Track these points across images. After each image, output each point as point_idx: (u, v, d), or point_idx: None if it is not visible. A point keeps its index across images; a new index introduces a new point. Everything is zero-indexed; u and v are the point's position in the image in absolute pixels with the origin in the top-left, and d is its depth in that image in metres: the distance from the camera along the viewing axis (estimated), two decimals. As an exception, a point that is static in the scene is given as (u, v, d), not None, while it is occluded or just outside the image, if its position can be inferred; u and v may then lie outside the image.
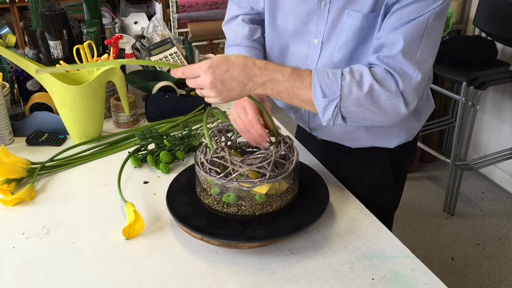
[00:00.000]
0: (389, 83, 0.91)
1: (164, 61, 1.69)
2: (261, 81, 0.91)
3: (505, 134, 2.67)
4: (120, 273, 0.90)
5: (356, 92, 0.90)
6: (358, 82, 0.91)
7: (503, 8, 2.35)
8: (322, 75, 0.91)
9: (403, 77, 0.92)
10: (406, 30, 0.90)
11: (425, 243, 2.32)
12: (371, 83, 0.90)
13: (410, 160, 1.27)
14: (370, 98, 0.91)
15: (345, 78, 0.91)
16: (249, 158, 0.96)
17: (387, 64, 0.93)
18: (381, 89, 0.91)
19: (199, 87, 0.91)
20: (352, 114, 0.93)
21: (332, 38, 1.04)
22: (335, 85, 0.90)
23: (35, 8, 1.68)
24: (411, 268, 0.90)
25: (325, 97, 0.91)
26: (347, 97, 0.91)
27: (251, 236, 0.91)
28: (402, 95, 0.92)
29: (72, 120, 1.31)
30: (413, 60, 0.92)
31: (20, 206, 1.10)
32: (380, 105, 0.92)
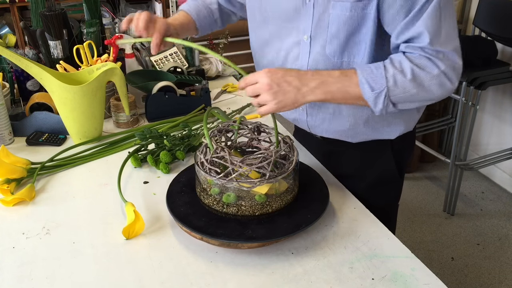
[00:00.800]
0: (429, 66, 0.96)
1: (164, 61, 1.69)
2: (314, 85, 0.96)
3: (505, 134, 2.67)
4: (120, 273, 0.90)
5: (401, 80, 0.96)
6: (400, 70, 0.96)
7: (503, 8, 2.35)
8: (367, 71, 0.97)
9: (440, 59, 0.96)
10: (425, 21, 0.93)
11: (425, 243, 2.32)
12: (411, 68, 0.95)
13: (410, 151, 1.27)
14: (414, 83, 0.96)
15: (388, 69, 0.96)
16: (249, 158, 0.96)
17: (421, 51, 0.97)
18: (422, 72, 0.96)
19: (257, 92, 0.96)
20: (401, 99, 0.98)
21: (321, 32, 1.04)
22: (380, 78, 0.96)
23: (35, 8, 1.68)
24: (411, 268, 0.90)
25: (373, 90, 0.96)
26: (393, 86, 0.96)
27: (251, 236, 0.91)
28: (444, 74, 0.97)
29: (72, 120, 1.31)
30: (441, 43, 0.95)
31: (20, 206, 1.10)
32: (425, 86, 0.97)
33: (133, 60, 1.62)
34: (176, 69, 1.68)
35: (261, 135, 1.11)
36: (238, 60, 3.76)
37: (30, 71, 1.24)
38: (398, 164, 1.22)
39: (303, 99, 0.97)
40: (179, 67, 1.68)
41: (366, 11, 0.98)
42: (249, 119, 1.51)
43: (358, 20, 0.99)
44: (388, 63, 0.98)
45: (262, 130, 1.10)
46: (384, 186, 1.23)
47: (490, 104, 2.73)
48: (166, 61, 1.69)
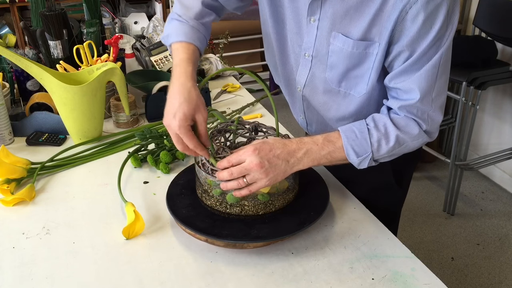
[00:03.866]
0: (412, 129, 0.98)
1: (164, 61, 1.69)
2: (300, 155, 0.95)
3: (505, 134, 2.67)
4: (120, 273, 0.90)
5: (385, 146, 0.97)
6: (385, 135, 0.97)
7: (503, 8, 2.35)
8: (351, 137, 0.97)
9: (424, 120, 0.98)
10: (420, 78, 0.93)
11: (425, 243, 2.32)
12: (396, 134, 0.97)
13: (412, 164, 1.27)
14: (398, 145, 0.98)
15: (373, 135, 0.97)
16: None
17: (407, 111, 0.97)
18: (406, 136, 0.98)
19: (245, 172, 0.91)
20: (384, 159, 1.01)
21: (321, 56, 1.03)
22: (365, 144, 0.97)
23: (35, 8, 1.68)
24: (411, 268, 0.90)
25: (359, 156, 0.97)
26: (377, 151, 0.97)
27: (257, 236, 0.91)
28: (425, 133, 1.00)
29: (72, 120, 1.31)
30: (430, 101, 0.96)
31: (20, 206, 1.10)
32: (408, 146, 1.00)
33: (133, 60, 1.62)
34: (176, 69, 1.67)
35: (259, 135, 1.11)
36: (238, 60, 3.76)
37: (30, 71, 1.24)
38: (397, 175, 1.20)
39: (291, 170, 0.95)
40: (179, 67, 1.68)
41: (369, 50, 0.96)
42: (249, 119, 1.51)
43: (360, 58, 0.98)
44: (373, 127, 0.97)
45: (260, 129, 1.10)
46: (380, 194, 1.21)
47: (490, 104, 2.73)
48: (166, 61, 1.69)
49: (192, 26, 1.08)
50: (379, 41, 0.94)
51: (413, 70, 0.93)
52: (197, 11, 1.10)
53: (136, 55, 1.67)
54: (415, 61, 0.92)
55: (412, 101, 0.95)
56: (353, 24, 0.94)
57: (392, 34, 0.92)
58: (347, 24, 0.95)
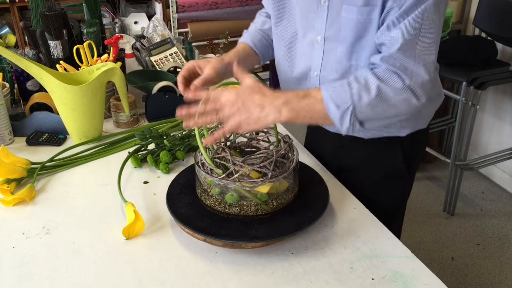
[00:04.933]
0: (394, 81, 0.95)
1: (164, 61, 1.69)
2: (278, 103, 0.93)
3: (505, 134, 2.67)
4: (120, 273, 0.90)
5: (366, 97, 0.94)
6: (365, 86, 0.94)
7: (503, 8, 2.35)
8: (331, 89, 0.95)
9: (406, 73, 0.95)
10: (402, 27, 0.93)
11: (425, 243, 2.32)
12: (377, 84, 0.94)
13: (422, 149, 1.28)
14: (380, 99, 0.94)
15: (352, 86, 0.94)
16: (250, 158, 0.96)
17: (388, 63, 0.95)
18: (388, 88, 0.94)
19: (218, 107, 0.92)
20: (368, 117, 0.97)
21: (333, 33, 1.06)
22: (344, 95, 0.94)
23: (35, 8, 1.68)
24: (411, 268, 0.90)
25: (339, 108, 0.94)
26: (358, 103, 0.94)
27: (255, 236, 0.91)
28: (410, 90, 0.95)
29: (72, 120, 1.31)
30: (413, 55, 0.94)
31: (20, 206, 1.10)
32: (391, 102, 0.96)
33: (133, 60, 1.62)
34: (176, 69, 1.67)
35: (260, 135, 1.11)
36: (238, 60, 3.75)
37: (30, 71, 1.24)
38: (407, 161, 1.21)
39: (266, 118, 0.93)
40: (179, 67, 1.68)
41: (371, 16, 0.99)
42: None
43: (365, 25, 1.00)
44: (353, 79, 0.96)
45: (261, 130, 1.10)
46: (390, 181, 1.23)
47: (490, 104, 2.73)
48: (166, 61, 1.69)
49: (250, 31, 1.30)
50: (377, 4, 0.97)
51: (397, 22, 0.94)
52: (259, 22, 1.31)
53: (136, 55, 1.67)
54: (400, 15, 0.93)
55: (393, 50, 0.94)
56: None
57: None
58: None
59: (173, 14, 3.33)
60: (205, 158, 0.97)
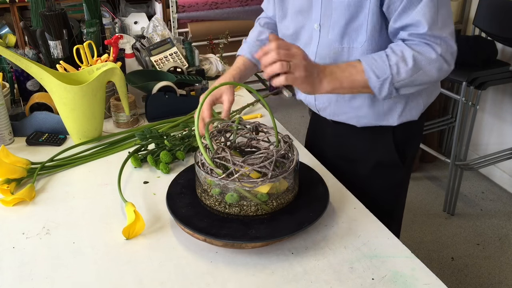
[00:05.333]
0: (428, 51, 1.02)
1: (164, 61, 1.69)
2: (327, 72, 1.02)
3: (505, 134, 2.67)
4: (120, 273, 0.90)
5: (404, 68, 1.02)
6: (402, 57, 1.02)
7: (503, 8, 2.35)
8: (371, 61, 1.03)
9: (438, 44, 1.03)
10: (423, 10, 1.00)
11: (425, 243, 2.32)
12: (413, 54, 1.02)
13: (416, 141, 1.32)
14: (416, 68, 1.02)
15: (391, 58, 1.02)
16: (250, 158, 0.96)
17: (420, 38, 1.03)
18: (422, 58, 1.02)
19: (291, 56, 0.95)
20: (404, 84, 1.05)
21: (326, 19, 1.12)
22: (384, 66, 1.02)
23: (35, 8, 1.68)
24: (411, 268, 0.90)
25: (379, 78, 1.02)
26: (397, 74, 1.02)
27: (255, 236, 0.91)
28: (442, 58, 1.03)
29: (72, 120, 1.31)
30: (438, 29, 1.02)
31: (20, 206, 1.10)
32: (425, 70, 1.03)
33: (133, 60, 1.62)
34: (176, 69, 1.68)
35: (260, 135, 1.11)
36: (238, 60, 3.75)
37: (30, 71, 1.24)
38: (400, 153, 1.25)
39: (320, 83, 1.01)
40: (179, 67, 1.68)
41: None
42: (248, 119, 1.51)
43: (356, 6, 1.05)
44: (390, 52, 1.03)
45: (261, 130, 1.10)
46: (384, 171, 1.27)
47: (490, 104, 2.73)
48: (166, 61, 1.69)
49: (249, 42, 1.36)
50: None
51: (414, 4, 1.00)
52: (256, 32, 1.37)
53: (136, 55, 1.67)
54: None
55: (422, 31, 1.01)
56: None
57: None
58: None
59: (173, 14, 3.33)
60: (205, 158, 0.97)
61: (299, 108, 3.62)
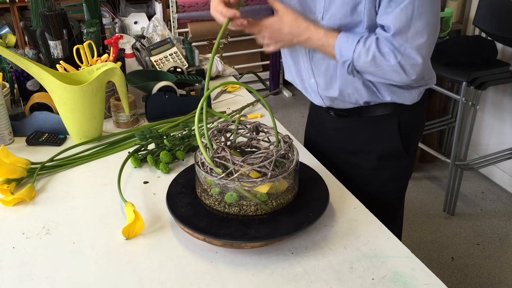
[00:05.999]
0: (387, 54, 1.07)
1: (164, 61, 1.69)
2: (303, 39, 1.14)
3: (505, 134, 2.67)
4: (120, 273, 0.90)
5: (363, 58, 1.09)
6: (366, 50, 1.08)
7: (503, 8, 2.35)
8: (343, 40, 1.10)
9: (399, 53, 1.06)
10: (395, 17, 1.04)
11: (425, 243, 2.32)
12: (374, 52, 1.07)
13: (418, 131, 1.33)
14: (373, 63, 1.08)
15: (359, 45, 1.09)
16: (250, 158, 0.96)
17: (387, 41, 1.07)
18: (382, 59, 1.07)
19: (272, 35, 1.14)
20: (363, 71, 1.12)
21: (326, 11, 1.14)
22: (349, 50, 1.10)
23: (35, 8, 1.68)
24: (411, 268, 0.90)
25: (342, 57, 1.11)
26: (357, 60, 1.09)
27: (254, 236, 0.91)
28: (401, 67, 1.07)
29: (72, 120, 1.31)
30: (405, 39, 1.05)
31: (20, 206, 1.10)
32: (384, 70, 1.09)
33: (133, 60, 1.62)
34: (176, 69, 1.68)
35: (260, 135, 1.11)
36: (238, 60, 3.76)
37: (30, 71, 1.24)
38: (404, 141, 1.26)
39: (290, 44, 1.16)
40: (179, 67, 1.68)
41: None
42: (248, 119, 1.51)
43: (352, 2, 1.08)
44: (363, 39, 1.09)
45: (261, 129, 1.10)
46: (390, 161, 1.28)
47: (490, 104, 2.73)
48: (166, 61, 1.69)
49: None
50: None
51: (390, 9, 1.04)
52: None
53: (136, 55, 1.67)
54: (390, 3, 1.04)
55: (388, 34, 1.06)
56: None
57: None
58: None
59: (173, 14, 3.33)
60: (204, 157, 0.97)
61: (299, 108, 3.62)
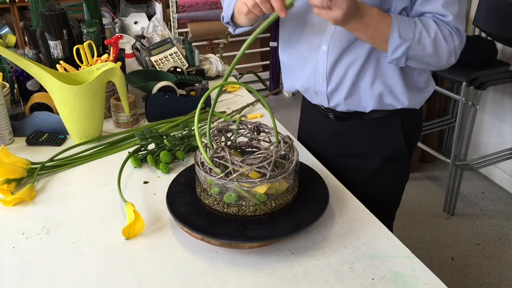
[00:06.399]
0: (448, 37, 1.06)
1: (164, 61, 1.69)
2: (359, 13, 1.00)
3: (505, 134, 2.67)
4: (120, 273, 0.90)
5: (425, 38, 1.04)
6: (427, 29, 1.05)
7: (503, 8, 2.35)
8: (400, 19, 1.04)
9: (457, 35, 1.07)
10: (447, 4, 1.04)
11: (425, 243, 2.33)
12: (436, 31, 1.05)
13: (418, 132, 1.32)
14: (434, 45, 1.05)
15: (417, 25, 1.05)
16: (249, 158, 0.96)
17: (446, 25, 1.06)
18: (442, 38, 1.05)
19: None
20: (415, 56, 1.06)
21: None
22: (409, 30, 1.04)
23: (35, 8, 1.68)
24: (411, 268, 0.90)
25: (401, 38, 1.03)
26: (418, 41, 1.04)
27: (252, 236, 0.91)
28: (454, 49, 1.07)
29: (72, 120, 1.31)
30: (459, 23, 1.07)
31: (20, 206, 1.10)
32: (439, 52, 1.06)
33: (133, 60, 1.62)
34: (176, 69, 1.68)
35: (261, 135, 1.11)
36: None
37: (30, 71, 1.24)
38: (407, 141, 1.25)
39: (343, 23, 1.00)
40: (179, 67, 1.68)
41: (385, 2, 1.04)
42: (248, 119, 1.51)
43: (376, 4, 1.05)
44: (418, 20, 1.05)
45: (262, 130, 1.10)
46: (393, 163, 1.26)
47: (490, 104, 2.73)
48: (166, 61, 1.69)
49: None
50: None
51: None
52: None
53: (136, 55, 1.67)
54: None
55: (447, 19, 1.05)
56: None
57: None
58: None
59: (173, 14, 3.34)
60: (204, 156, 0.97)
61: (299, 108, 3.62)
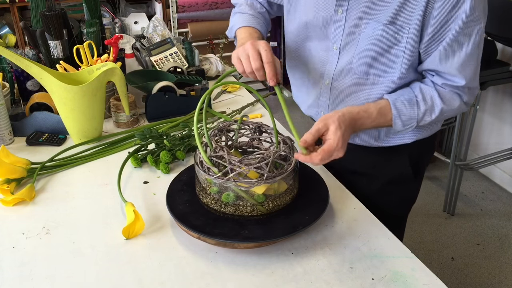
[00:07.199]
0: (455, 101, 1.04)
1: (164, 61, 1.69)
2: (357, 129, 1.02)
3: (505, 134, 2.67)
4: (120, 273, 0.90)
5: (429, 117, 1.05)
6: (431, 107, 1.04)
7: (503, 8, 2.35)
8: (401, 108, 1.03)
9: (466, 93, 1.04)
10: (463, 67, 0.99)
11: (425, 243, 2.32)
12: (441, 107, 1.04)
13: (429, 155, 1.29)
14: (440, 116, 1.06)
15: (420, 107, 1.03)
16: (248, 158, 0.96)
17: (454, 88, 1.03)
18: (449, 108, 1.05)
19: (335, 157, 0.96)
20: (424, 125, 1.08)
21: (350, 45, 1.06)
22: (412, 115, 1.04)
23: (35, 8, 1.68)
24: (411, 268, 0.90)
25: (405, 125, 1.05)
26: (421, 121, 1.05)
27: (247, 236, 0.91)
28: (465, 104, 1.06)
29: (72, 120, 1.31)
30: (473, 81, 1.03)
31: (20, 206, 1.10)
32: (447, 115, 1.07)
33: (133, 60, 1.62)
34: (176, 69, 1.68)
35: (263, 135, 1.11)
36: (238, 60, 3.75)
37: (30, 71, 1.24)
38: (414, 167, 1.22)
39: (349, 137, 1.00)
40: (179, 67, 1.68)
41: (398, 36, 0.99)
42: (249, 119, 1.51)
43: (389, 43, 1.00)
44: (421, 99, 1.03)
45: (264, 130, 1.10)
46: (397, 186, 1.22)
47: (490, 104, 2.73)
48: (166, 61, 1.69)
49: (251, 14, 1.25)
50: (408, 26, 0.97)
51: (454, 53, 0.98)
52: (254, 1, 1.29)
53: (136, 55, 1.67)
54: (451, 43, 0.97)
55: (458, 83, 1.01)
56: (383, 10, 0.98)
57: (424, 18, 0.95)
58: (376, 11, 0.99)
59: (173, 14, 3.34)
60: (202, 155, 0.97)
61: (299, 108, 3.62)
